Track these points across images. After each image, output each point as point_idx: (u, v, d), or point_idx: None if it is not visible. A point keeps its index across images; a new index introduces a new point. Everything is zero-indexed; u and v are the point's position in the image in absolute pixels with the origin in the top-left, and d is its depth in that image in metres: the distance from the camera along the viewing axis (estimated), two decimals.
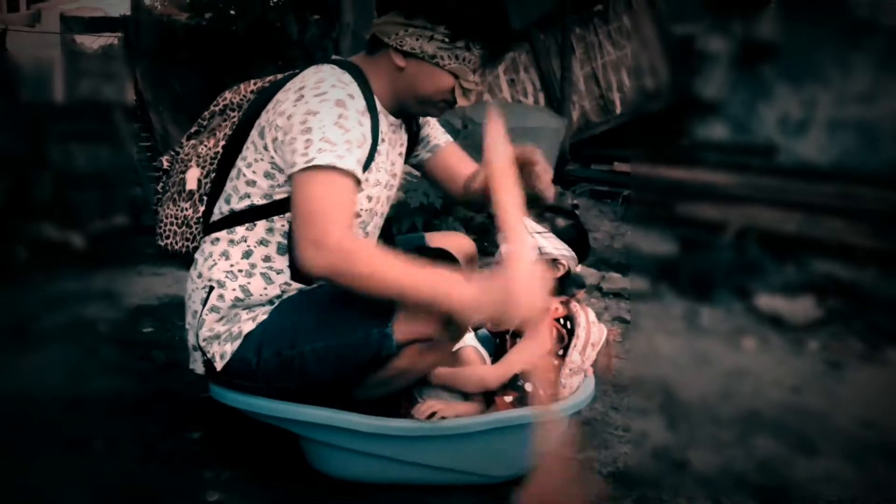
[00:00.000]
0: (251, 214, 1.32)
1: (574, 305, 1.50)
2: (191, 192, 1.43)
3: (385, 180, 1.39)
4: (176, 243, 1.44)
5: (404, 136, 1.48)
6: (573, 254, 1.50)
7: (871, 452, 1.61)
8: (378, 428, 1.30)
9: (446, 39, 1.31)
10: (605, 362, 1.53)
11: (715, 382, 1.99)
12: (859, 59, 2.95)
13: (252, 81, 1.45)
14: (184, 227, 1.44)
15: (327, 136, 1.20)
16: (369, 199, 1.36)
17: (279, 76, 1.40)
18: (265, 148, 1.28)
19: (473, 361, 1.50)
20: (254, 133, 1.32)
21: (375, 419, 1.31)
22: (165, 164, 1.50)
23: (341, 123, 1.22)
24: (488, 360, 1.53)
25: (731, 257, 2.93)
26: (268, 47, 4.09)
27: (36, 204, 2.43)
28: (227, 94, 1.45)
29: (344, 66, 1.34)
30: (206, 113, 1.47)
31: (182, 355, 1.48)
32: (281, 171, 1.28)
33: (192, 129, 1.48)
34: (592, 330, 1.47)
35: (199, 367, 1.38)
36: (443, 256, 1.48)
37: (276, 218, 1.32)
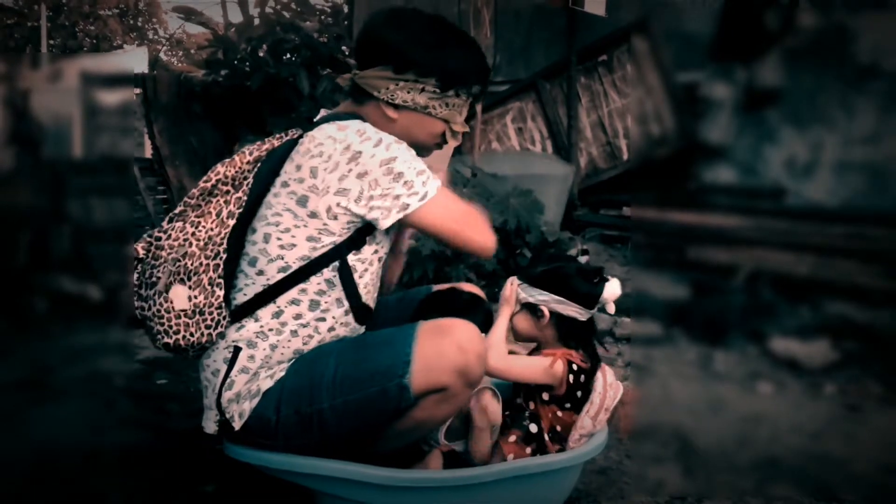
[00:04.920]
0: (287, 281, 1.34)
1: (600, 368, 1.48)
2: (195, 308, 1.33)
3: None
4: (191, 335, 1.33)
5: None
6: (551, 296, 1.47)
7: (893, 499, 1.58)
8: (390, 479, 1.30)
9: (437, 90, 1.36)
10: (620, 422, 1.51)
11: (731, 428, 1.96)
12: (864, 101, 2.98)
13: (247, 151, 1.40)
14: (198, 316, 1.33)
15: (418, 168, 1.30)
16: (388, 240, 1.45)
17: (274, 143, 1.40)
18: (311, 216, 1.30)
19: (490, 403, 1.50)
20: (284, 201, 1.33)
21: (387, 471, 1.30)
22: (140, 252, 1.39)
23: (413, 154, 1.32)
24: (500, 405, 1.54)
25: (743, 300, 2.91)
26: (280, 102, 4.20)
27: (55, 257, 2.47)
28: (220, 168, 1.39)
29: (348, 117, 1.38)
30: (194, 191, 1.40)
31: (196, 407, 1.48)
32: (330, 233, 1.31)
33: (177, 210, 1.41)
34: (608, 394, 1.45)
35: (210, 427, 1.38)
36: (472, 301, 1.52)
37: (312, 278, 1.34)
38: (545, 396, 1.46)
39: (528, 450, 1.44)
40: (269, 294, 1.35)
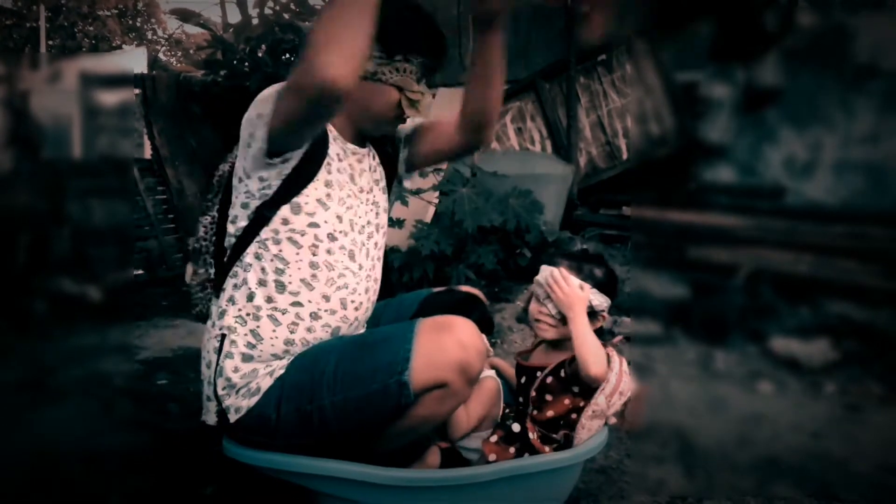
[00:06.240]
0: (243, 238, 1.38)
1: (610, 351, 1.48)
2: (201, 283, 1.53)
3: (353, 203, 1.42)
4: (204, 308, 1.51)
5: (379, 167, 1.54)
6: (609, 302, 1.49)
7: (893, 499, 1.58)
8: (390, 479, 1.29)
9: (383, 56, 1.36)
10: (634, 416, 1.49)
11: (731, 428, 1.97)
12: (863, 101, 2.98)
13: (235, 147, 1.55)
14: (205, 291, 1.51)
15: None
16: (339, 219, 1.38)
17: None
18: (239, 181, 1.38)
19: (489, 390, 1.51)
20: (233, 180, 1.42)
21: (387, 470, 1.30)
22: (191, 245, 1.58)
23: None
24: (501, 395, 1.54)
25: (743, 300, 2.92)
26: None
27: (55, 258, 2.47)
28: (221, 166, 1.54)
29: None
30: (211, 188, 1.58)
31: (196, 408, 1.48)
32: (251, 195, 1.36)
33: (205, 206, 1.58)
34: (624, 379, 1.43)
35: (211, 419, 1.38)
36: (470, 300, 1.51)
37: (265, 255, 1.36)
38: (575, 389, 1.45)
39: (512, 450, 1.44)
40: (232, 268, 1.41)
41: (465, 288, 1.66)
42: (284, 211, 1.35)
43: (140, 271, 4.09)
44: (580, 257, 1.51)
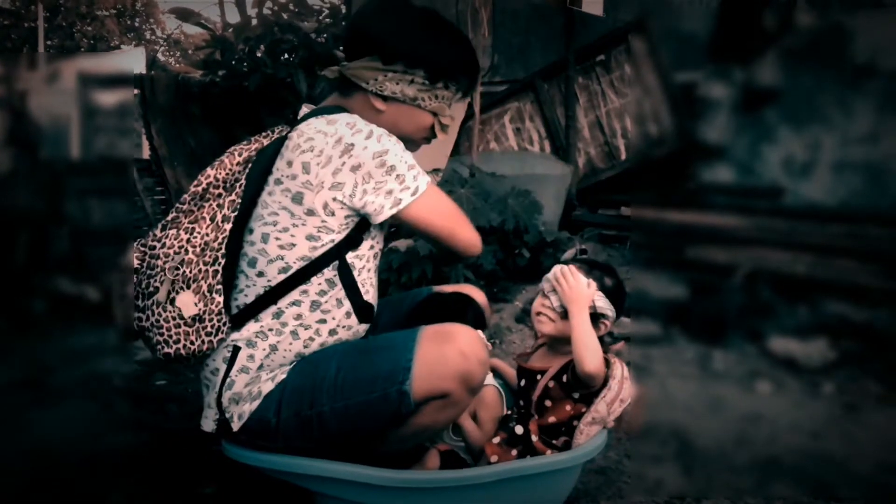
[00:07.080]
0: (288, 282, 1.31)
1: (611, 357, 1.48)
2: (195, 316, 1.29)
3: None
4: (192, 344, 1.29)
5: None
6: (614, 312, 1.49)
7: (893, 498, 1.58)
8: (389, 480, 1.30)
9: (426, 82, 1.36)
10: (633, 420, 1.50)
11: (730, 428, 1.96)
12: (861, 100, 2.98)
13: (235, 152, 1.37)
14: (197, 324, 1.30)
15: (409, 163, 1.29)
16: (381, 237, 1.43)
17: (263, 141, 1.38)
18: (309, 213, 1.28)
19: (493, 400, 1.51)
20: (279, 200, 1.30)
21: (387, 471, 1.30)
22: (136, 262, 1.34)
23: (403, 147, 1.31)
24: (504, 401, 1.54)
25: (742, 300, 2.92)
26: (278, 102, 4.20)
27: (53, 259, 2.47)
28: (210, 171, 1.35)
29: (335, 110, 1.36)
30: (185, 197, 1.36)
31: (195, 409, 1.48)
32: (329, 230, 1.30)
33: (170, 217, 1.37)
34: (625, 385, 1.44)
35: (208, 425, 1.37)
36: (464, 302, 1.51)
37: (313, 279, 1.32)
38: (576, 395, 1.45)
39: (514, 452, 1.44)
40: (271, 296, 1.33)
41: (467, 288, 1.66)
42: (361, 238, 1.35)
43: None
44: (593, 264, 1.51)
